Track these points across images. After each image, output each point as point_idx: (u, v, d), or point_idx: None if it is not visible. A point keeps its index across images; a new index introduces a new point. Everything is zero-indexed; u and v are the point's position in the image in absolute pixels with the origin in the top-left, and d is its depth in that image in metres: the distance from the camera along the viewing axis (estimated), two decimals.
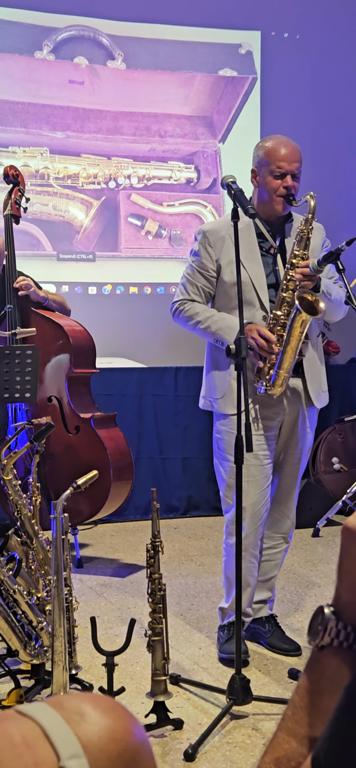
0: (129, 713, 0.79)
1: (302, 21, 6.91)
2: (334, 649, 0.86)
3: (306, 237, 3.26)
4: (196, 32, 6.78)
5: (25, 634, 2.97)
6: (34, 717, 0.74)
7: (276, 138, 3.43)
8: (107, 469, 4.44)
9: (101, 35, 6.62)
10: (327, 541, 5.30)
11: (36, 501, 3.31)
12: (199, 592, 4.30)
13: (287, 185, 3.31)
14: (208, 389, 3.49)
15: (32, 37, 6.44)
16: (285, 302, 3.25)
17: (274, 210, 3.37)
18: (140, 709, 2.95)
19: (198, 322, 3.39)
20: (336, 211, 6.77)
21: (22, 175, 4.70)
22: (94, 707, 0.76)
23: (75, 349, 4.59)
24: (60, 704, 0.76)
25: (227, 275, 3.37)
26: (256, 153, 3.42)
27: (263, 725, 2.87)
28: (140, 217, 6.72)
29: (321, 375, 3.48)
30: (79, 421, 4.56)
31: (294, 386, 3.41)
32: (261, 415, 3.38)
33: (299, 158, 3.35)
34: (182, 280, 3.49)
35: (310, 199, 3.23)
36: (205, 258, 3.42)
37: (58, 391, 4.60)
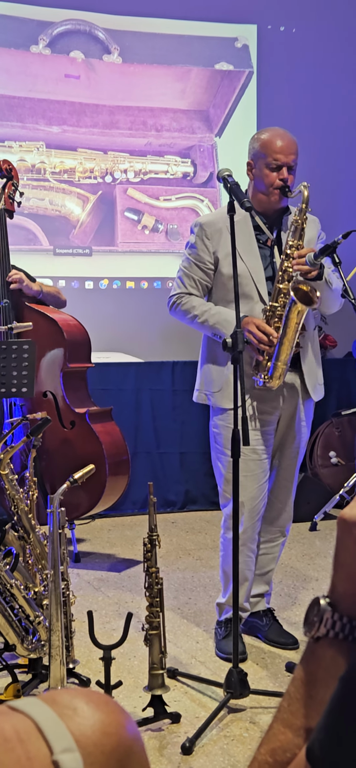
0: (122, 708, 0.79)
1: (298, 14, 6.90)
2: (330, 640, 0.86)
3: (300, 227, 3.26)
4: (192, 26, 6.76)
5: (22, 628, 2.97)
6: (26, 712, 0.74)
7: (272, 130, 3.42)
8: (102, 464, 4.44)
9: (97, 29, 6.60)
10: (324, 535, 5.30)
11: (33, 495, 3.30)
12: (196, 586, 4.30)
13: (283, 177, 3.30)
14: (204, 382, 3.48)
15: (28, 32, 6.42)
16: (281, 293, 3.25)
17: (270, 203, 3.36)
18: (137, 702, 2.95)
19: (196, 316, 3.38)
20: (333, 204, 6.76)
21: (16, 170, 4.66)
22: (86, 702, 0.76)
23: (69, 344, 4.58)
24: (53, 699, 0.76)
25: (225, 267, 3.35)
26: (252, 145, 3.41)
27: (260, 718, 2.87)
28: (137, 211, 6.71)
29: (316, 369, 3.48)
30: (75, 416, 4.55)
31: (291, 380, 3.41)
32: (259, 410, 3.38)
33: (295, 150, 3.34)
34: (178, 274, 3.48)
35: (304, 190, 3.23)
36: (202, 250, 3.40)
37: (53, 386, 4.60)
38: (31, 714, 0.74)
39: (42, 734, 0.72)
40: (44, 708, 0.75)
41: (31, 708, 0.74)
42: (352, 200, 7.00)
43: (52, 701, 0.76)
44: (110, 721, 0.76)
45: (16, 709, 0.74)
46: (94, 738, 0.73)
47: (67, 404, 4.56)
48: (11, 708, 0.75)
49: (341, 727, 0.77)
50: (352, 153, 7.04)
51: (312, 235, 3.42)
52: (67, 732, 0.73)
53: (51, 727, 0.73)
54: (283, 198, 3.34)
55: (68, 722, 0.74)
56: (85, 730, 0.74)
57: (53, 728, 0.73)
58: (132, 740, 0.76)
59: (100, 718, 0.75)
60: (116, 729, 0.76)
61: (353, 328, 4.95)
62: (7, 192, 4.55)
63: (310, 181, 3.31)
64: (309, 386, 3.42)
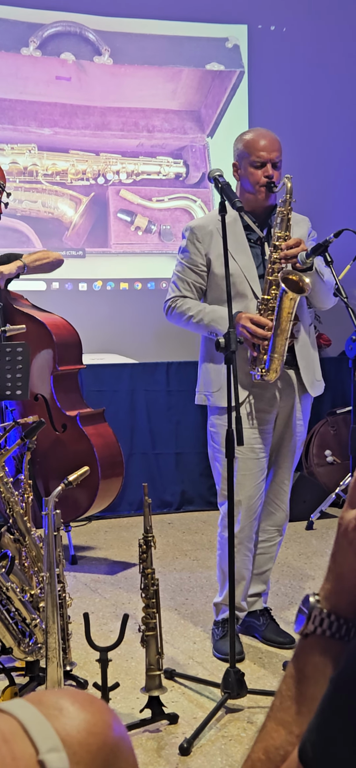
0: (108, 708, 0.79)
1: (288, 14, 6.91)
2: (318, 637, 0.87)
3: (286, 218, 3.28)
4: (183, 26, 6.76)
5: (18, 631, 2.96)
6: (12, 712, 0.74)
7: (254, 130, 3.48)
8: (94, 465, 4.42)
9: (88, 31, 6.60)
10: (320, 534, 5.31)
11: (28, 498, 3.30)
12: (193, 587, 4.29)
13: (267, 174, 3.34)
14: (204, 383, 3.49)
15: (18, 34, 6.42)
16: (273, 285, 3.26)
17: (258, 201, 3.39)
18: (135, 704, 2.95)
19: (191, 317, 3.39)
20: (324, 203, 6.77)
21: (2, 171, 4.59)
22: (72, 702, 0.76)
23: (59, 347, 4.54)
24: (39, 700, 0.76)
25: (217, 268, 3.37)
26: (236, 146, 3.46)
27: (258, 718, 2.87)
28: (130, 212, 6.71)
29: (314, 363, 3.48)
30: (66, 419, 4.54)
31: (288, 377, 3.41)
32: (257, 408, 3.38)
33: (278, 147, 3.38)
34: (172, 278, 3.50)
35: (287, 181, 3.27)
36: (194, 253, 3.43)
37: (44, 389, 4.58)
38: (16, 714, 0.73)
39: (28, 734, 0.72)
40: (30, 708, 0.74)
41: (17, 709, 0.74)
42: (344, 199, 7.00)
43: (38, 702, 0.76)
44: (96, 721, 0.76)
45: (2, 710, 0.74)
46: (79, 737, 0.73)
47: (59, 407, 4.55)
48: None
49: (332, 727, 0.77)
50: (343, 152, 7.05)
51: (303, 233, 3.43)
52: (53, 732, 0.73)
53: (37, 727, 0.73)
54: (270, 195, 3.36)
55: (54, 722, 0.74)
56: (70, 730, 0.74)
57: (39, 728, 0.73)
58: (118, 740, 0.76)
59: (85, 718, 0.75)
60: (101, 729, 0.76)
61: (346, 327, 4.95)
62: None
63: (301, 180, 3.33)
64: (306, 381, 3.42)
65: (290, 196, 3.27)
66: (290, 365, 3.39)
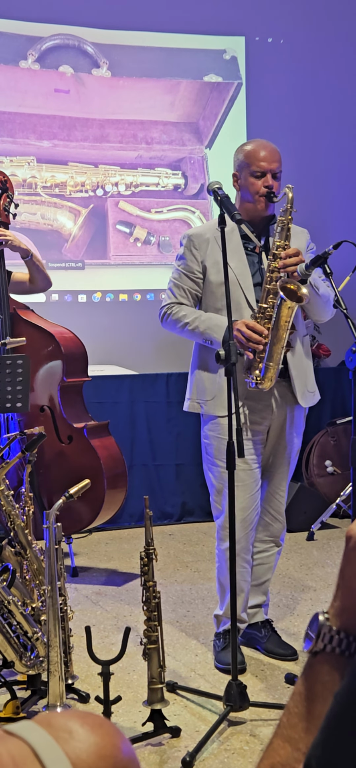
0: (117, 729, 0.79)
1: (285, 26, 6.93)
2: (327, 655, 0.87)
3: (286, 227, 3.29)
4: (180, 39, 6.79)
5: (20, 644, 2.96)
6: (22, 736, 0.73)
7: (255, 141, 3.50)
8: (100, 478, 4.43)
9: (86, 44, 6.62)
10: (321, 545, 5.30)
11: (29, 511, 3.30)
12: (195, 599, 4.29)
13: (267, 184, 3.35)
14: (197, 391, 3.47)
15: (17, 47, 6.44)
16: (270, 294, 3.27)
17: (257, 210, 3.40)
18: (137, 717, 2.94)
19: (186, 324, 3.39)
20: (322, 214, 6.79)
21: (11, 181, 4.62)
22: (82, 724, 0.76)
23: (67, 358, 4.57)
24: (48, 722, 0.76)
25: (213, 275, 3.39)
26: (236, 157, 3.47)
27: (260, 731, 2.87)
28: (129, 224, 6.72)
29: (306, 375, 3.48)
30: (72, 430, 4.54)
31: (280, 389, 3.41)
32: (250, 420, 3.38)
33: (278, 158, 3.40)
34: (169, 285, 3.51)
35: (288, 191, 3.28)
36: (190, 260, 3.44)
37: (50, 400, 4.59)
38: (26, 738, 0.73)
39: (38, 758, 0.72)
40: (40, 731, 0.74)
41: (27, 732, 0.74)
42: (342, 210, 7.02)
43: (48, 724, 0.76)
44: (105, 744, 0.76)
45: (12, 734, 0.74)
46: (89, 761, 0.73)
47: (65, 419, 4.56)
48: (6, 732, 0.74)
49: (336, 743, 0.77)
50: (341, 163, 7.06)
51: (301, 245, 3.44)
52: (64, 755, 0.73)
53: (47, 751, 0.72)
54: (269, 204, 3.38)
55: (64, 745, 0.73)
56: (80, 753, 0.74)
57: (49, 752, 0.72)
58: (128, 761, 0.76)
59: (95, 741, 0.75)
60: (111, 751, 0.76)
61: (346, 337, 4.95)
62: (3, 204, 4.53)
63: (300, 191, 3.34)
64: (298, 392, 3.42)
65: (291, 206, 3.28)
66: (282, 376, 3.39)
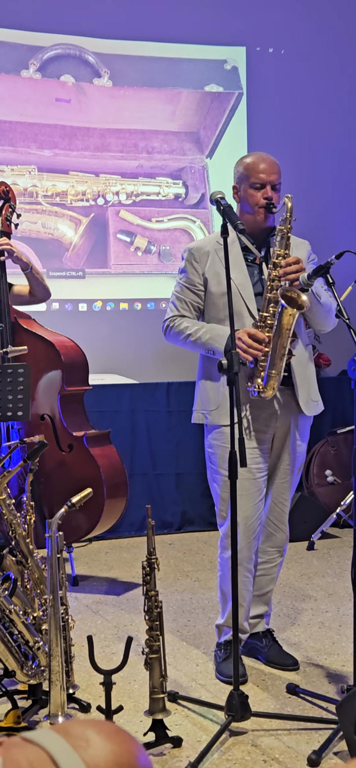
0: (133, 738, 0.79)
1: (286, 36, 6.95)
2: None
3: (285, 236, 3.30)
4: (181, 49, 6.81)
5: (21, 654, 2.95)
6: (40, 744, 0.74)
7: (254, 154, 3.53)
8: (100, 487, 4.43)
9: (87, 53, 6.64)
10: (322, 554, 5.30)
11: (30, 520, 3.29)
12: (195, 608, 4.28)
13: (267, 195, 3.37)
14: (201, 402, 3.49)
15: (18, 56, 6.46)
16: (271, 302, 3.28)
17: (257, 222, 3.41)
18: (138, 727, 2.93)
19: (189, 336, 3.40)
20: (324, 224, 6.80)
21: (13, 191, 4.64)
22: (98, 732, 0.76)
23: (67, 367, 4.58)
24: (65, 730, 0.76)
25: (214, 286, 3.41)
26: (236, 169, 3.50)
27: (262, 741, 2.86)
28: (129, 233, 6.73)
29: (310, 383, 3.48)
30: (72, 439, 4.54)
31: (284, 397, 3.41)
32: (253, 428, 3.38)
33: (278, 170, 3.42)
34: (171, 299, 3.54)
35: (287, 201, 3.29)
36: (192, 273, 3.46)
37: (50, 409, 4.59)
38: (44, 745, 0.73)
39: (56, 765, 0.72)
40: (58, 739, 0.74)
41: (45, 739, 0.74)
42: (343, 220, 7.03)
43: (65, 732, 0.76)
44: (122, 752, 0.76)
45: (30, 741, 0.74)
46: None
47: (65, 427, 4.56)
48: (25, 740, 0.75)
49: None
50: (342, 173, 7.08)
51: (302, 256, 3.44)
52: (82, 763, 0.73)
53: (65, 759, 0.73)
54: (269, 216, 3.39)
55: (82, 753, 0.74)
56: (98, 761, 0.74)
57: (68, 760, 0.73)
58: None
59: (112, 749, 0.75)
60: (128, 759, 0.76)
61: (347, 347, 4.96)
62: (5, 214, 4.55)
63: (300, 201, 3.35)
64: (301, 400, 3.42)
65: (290, 215, 3.29)
66: (286, 384, 3.39)
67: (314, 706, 3.13)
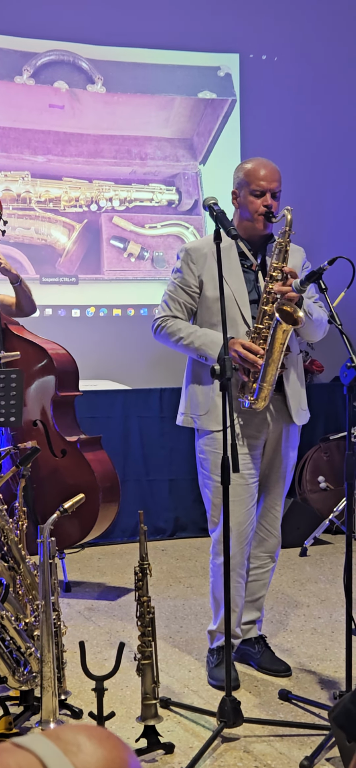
0: (124, 743, 0.79)
1: (279, 43, 6.97)
2: None
3: (284, 249, 3.29)
4: (175, 55, 6.82)
5: (13, 660, 2.94)
6: (31, 749, 0.74)
7: (255, 160, 3.48)
8: (95, 492, 4.43)
9: (81, 59, 6.65)
10: (314, 560, 5.30)
11: (22, 525, 3.29)
12: (188, 614, 4.28)
13: (266, 203, 3.35)
14: (190, 405, 3.47)
15: (12, 62, 6.46)
16: (266, 315, 3.27)
17: (255, 229, 3.40)
18: (130, 733, 2.93)
19: (181, 338, 3.39)
20: (317, 231, 6.82)
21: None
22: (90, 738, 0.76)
23: (59, 373, 4.58)
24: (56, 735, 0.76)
25: (209, 290, 3.39)
26: (236, 175, 3.47)
27: (254, 747, 2.86)
28: (123, 239, 6.73)
29: (300, 393, 3.49)
30: (66, 444, 4.54)
31: (276, 404, 3.41)
32: (246, 434, 3.38)
33: (278, 178, 3.40)
34: (163, 297, 3.50)
35: (287, 213, 3.28)
36: (187, 274, 3.43)
37: (43, 414, 4.59)
38: (35, 750, 0.73)
39: None
40: (49, 744, 0.74)
41: (36, 744, 0.74)
42: (336, 226, 7.05)
43: (56, 737, 0.76)
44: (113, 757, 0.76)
45: (21, 746, 0.74)
46: None
47: (58, 432, 4.55)
48: (15, 745, 0.74)
49: None
50: (335, 179, 7.10)
51: (297, 263, 3.44)
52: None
53: (56, 764, 0.72)
54: (267, 224, 3.38)
55: (73, 758, 0.73)
56: (89, 766, 0.74)
57: (58, 764, 0.72)
58: None
59: (103, 755, 0.75)
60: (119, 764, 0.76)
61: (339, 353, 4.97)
62: None
63: (295, 208, 3.34)
64: (292, 410, 3.42)
65: (289, 228, 3.28)
66: (278, 392, 3.40)
67: (306, 712, 3.13)
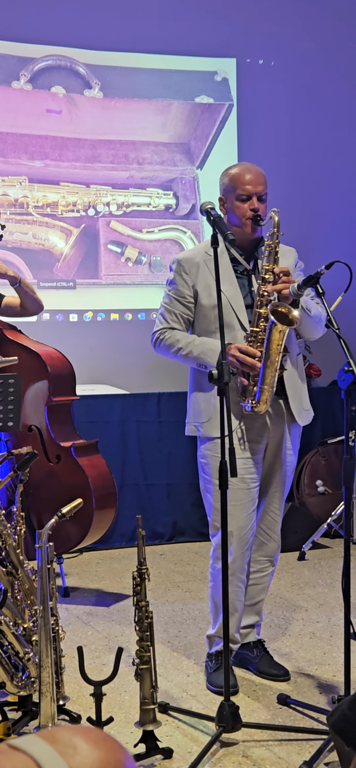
0: (120, 745, 0.79)
1: (276, 48, 6.98)
2: None
3: (273, 251, 3.30)
4: (172, 60, 6.83)
5: (11, 665, 2.94)
6: (27, 750, 0.73)
7: (240, 165, 3.52)
8: (89, 497, 4.42)
9: (78, 64, 6.65)
10: (312, 564, 5.29)
11: (20, 530, 3.28)
12: (186, 619, 4.27)
13: (253, 207, 3.36)
14: (193, 414, 3.49)
15: (9, 68, 6.46)
16: (261, 318, 3.28)
17: (244, 233, 3.41)
18: (129, 738, 2.92)
19: (180, 349, 3.40)
20: (314, 235, 6.82)
21: None
22: (86, 740, 0.76)
23: (53, 377, 4.56)
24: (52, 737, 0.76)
25: (204, 299, 3.40)
26: (222, 181, 3.49)
27: (253, 752, 2.85)
28: (120, 243, 6.73)
29: (301, 393, 3.49)
30: (60, 449, 4.53)
31: (277, 406, 3.42)
32: (247, 438, 3.38)
33: (263, 181, 3.41)
34: (160, 310, 3.52)
35: (274, 215, 3.29)
36: (181, 285, 3.45)
37: (38, 420, 4.57)
38: (31, 752, 0.73)
39: None
40: (45, 746, 0.74)
41: (32, 746, 0.74)
42: (333, 230, 7.05)
43: (52, 739, 0.75)
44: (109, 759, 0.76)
45: (17, 748, 0.74)
46: None
47: (53, 438, 4.55)
48: (11, 747, 0.74)
49: None
50: (332, 183, 7.10)
51: (290, 264, 3.45)
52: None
53: (52, 765, 0.72)
54: (256, 228, 3.38)
55: (69, 760, 0.73)
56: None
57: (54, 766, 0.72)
58: None
59: (99, 756, 0.75)
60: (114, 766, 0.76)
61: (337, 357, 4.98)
62: None
63: (291, 212, 3.36)
64: (294, 410, 3.43)
65: (277, 229, 3.29)
66: (279, 394, 3.40)
67: (305, 716, 3.13)
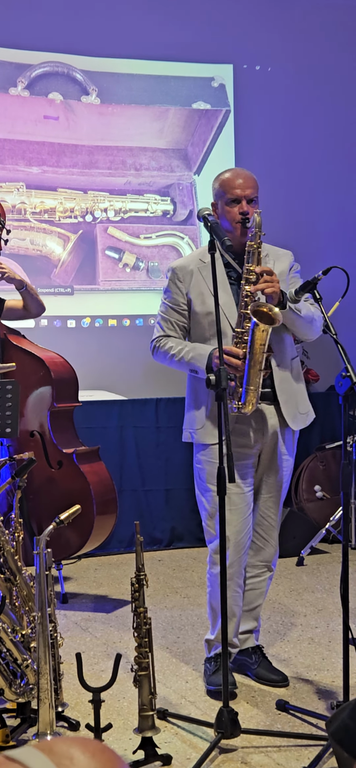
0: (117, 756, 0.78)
1: (273, 54, 7.00)
2: None
3: (255, 252, 3.30)
4: (169, 66, 6.84)
5: (10, 672, 2.93)
6: (24, 762, 0.73)
7: (230, 170, 3.55)
8: (90, 504, 4.42)
9: (75, 71, 6.66)
10: (311, 570, 5.29)
11: (19, 537, 3.28)
12: (185, 625, 4.27)
13: (242, 210, 3.37)
14: (188, 421, 3.50)
15: (6, 74, 6.47)
16: (246, 318, 3.28)
17: (236, 238, 3.40)
18: (127, 745, 2.92)
19: (173, 356, 3.42)
20: (311, 240, 6.82)
21: (2, 207, 4.62)
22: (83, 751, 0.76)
23: (57, 383, 4.56)
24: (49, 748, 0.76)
25: (198, 306, 3.42)
26: (213, 186, 3.51)
27: (252, 758, 2.85)
28: (118, 249, 6.74)
29: (296, 397, 3.48)
30: (62, 456, 4.53)
31: (269, 412, 3.42)
32: (239, 443, 3.38)
33: (253, 185, 3.42)
34: (157, 319, 3.55)
35: (256, 216, 3.30)
36: (176, 293, 3.47)
37: (40, 425, 4.58)
38: (28, 764, 0.73)
39: None
40: (41, 758, 0.74)
41: (29, 758, 0.74)
42: (330, 235, 7.06)
43: (49, 750, 0.75)
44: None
45: (13, 759, 0.74)
46: None
47: (55, 444, 4.55)
48: (8, 758, 0.74)
49: None
50: (329, 188, 7.11)
51: (284, 267, 3.46)
52: None
53: None
54: (246, 231, 3.39)
55: None
56: None
57: None
58: None
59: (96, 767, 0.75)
60: None
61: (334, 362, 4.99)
62: None
63: (288, 217, 3.37)
64: (288, 415, 3.42)
65: (259, 230, 3.30)
66: (271, 401, 3.40)
67: (304, 722, 3.12)
